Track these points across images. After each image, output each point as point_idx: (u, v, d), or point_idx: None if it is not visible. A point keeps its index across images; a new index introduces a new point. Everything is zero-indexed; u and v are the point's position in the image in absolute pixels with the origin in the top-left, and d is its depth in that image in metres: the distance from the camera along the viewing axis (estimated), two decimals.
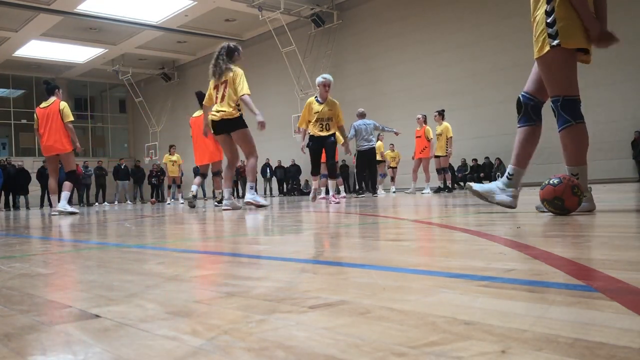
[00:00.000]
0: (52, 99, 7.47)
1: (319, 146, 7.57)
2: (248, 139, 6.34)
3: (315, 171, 7.78)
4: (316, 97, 7.57)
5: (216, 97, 6.16)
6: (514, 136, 3.20)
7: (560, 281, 0.99)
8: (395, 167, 16.18)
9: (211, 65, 6.19)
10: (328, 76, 7.69)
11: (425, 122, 11.46)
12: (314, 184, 8.05)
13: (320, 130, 7.47)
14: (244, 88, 6.06)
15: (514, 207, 3.12)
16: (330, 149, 7.52)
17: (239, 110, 6.16)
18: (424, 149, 11.39)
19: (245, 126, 6.26)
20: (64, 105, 7.41)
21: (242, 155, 6.98)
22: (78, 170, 19.72)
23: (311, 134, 7.56)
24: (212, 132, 6.34)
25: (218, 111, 6.11)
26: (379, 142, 13.84)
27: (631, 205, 3.35)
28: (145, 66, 27.08)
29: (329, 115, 7.46)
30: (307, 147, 7.70)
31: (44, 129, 7.35)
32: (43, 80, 7.96)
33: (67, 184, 7.59)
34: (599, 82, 7.50)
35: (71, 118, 7.43)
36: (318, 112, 7.43)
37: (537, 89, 3.05)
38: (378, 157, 13.76)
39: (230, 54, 6.20)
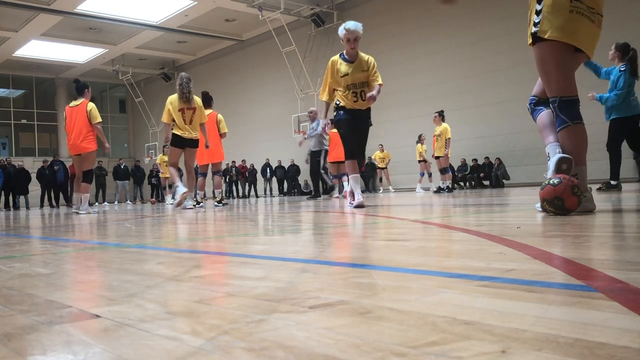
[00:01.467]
0: (81, 99, 7.65)
1: (355, 119, 5.26)
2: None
3: (350, 154, 5.28)
4: (342, 54, 5.34)
5: (184, 119, 7.41)
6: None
7: (560, 281, 0.99)
8: (385, 168, 16.16)
9: (184, 91, 7.41)
10: (353, 25, 5.25)
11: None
12: (349, 179, 5.45)
13: (355, 101, 5.21)
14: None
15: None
16: (365, 129, 5.37)
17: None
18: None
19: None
20: (91, 106, 7.54)
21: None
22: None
23: (342, 104, 5.26)
24: (173, 145, 7.54)
25: (190, 132, 7.48)
26: (419, 145, 13.59)
27: (631, 205, 3.35)
28: (145, 66, 27.06)
29: (364, 79, 5.26)
30: (333, 123, 5.53)
31: (71, 128, 7.54)
32: (73, 80, 8.15)
33: (85, 186, 7.74)
34: (598, 82, 7.51)
35: (99, 119, 7.61)
36: (347, 75, 5.20)
37: (542, 90, 3.05)
38: (418, 158, 13.49)
39: (190, 82, 7.54)
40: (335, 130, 11.20)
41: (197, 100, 7.55)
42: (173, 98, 7.44)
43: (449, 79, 16.51)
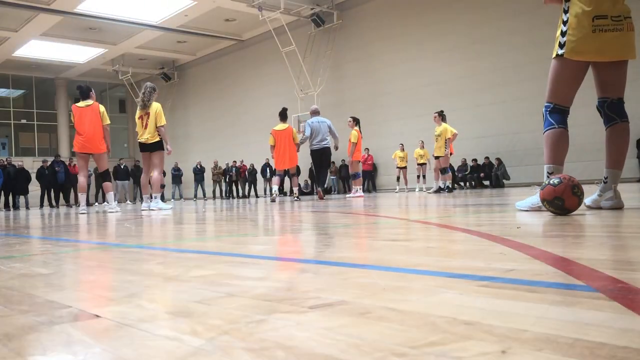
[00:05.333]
0: (90, 100, 7.85)
1: None
2: (162, 158, 8.09)
3: None
4: None
5: (142, 125, 8.02)
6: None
7: (560, 281, 0.99)
8: (405, 167, 16.15)
9: (143, 99, 7.97)
10: None
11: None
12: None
13: None
14: (162, 120, 7.99)
15: (620, 207, 3.06)
16: None
17: (159, 135, 7.97)
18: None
19: (162, 149, 8.01)
20: (103, 108, 7.91)
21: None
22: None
23: None
24: (141, 151, 8.17)
25: (146, 135, 7.99)
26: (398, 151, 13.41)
27: (632, 205, 3.35)
28: (145, 66, 27.05)
29: None
30: None
31: (83, 127, 7.71)
32: (77, 86, 8.28)
33: (107, 185, 8.14)
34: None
35: (109, 121, 8.00)
36: None
37: (601, 89, 3.13)
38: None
39: (154, 92, 8.02)
40: (357, 128, 11.20)
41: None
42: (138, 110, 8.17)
43: (449, 79, 16.51)
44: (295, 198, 10.66)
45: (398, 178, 16.25)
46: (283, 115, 10.49)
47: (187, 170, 23.07)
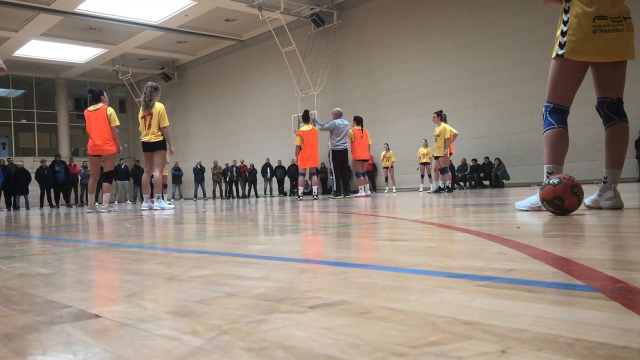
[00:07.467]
0: (100, 104, 8.04)
1: None
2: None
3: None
4: None
5: (145, 125, 7.98)
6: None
7: (560, 281, 0.99)
8: (389, 167, 16.13)
9: (145, 99, 7.91)
10: None
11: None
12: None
13: None
14: (166, 121, 7.96)
15: (620, 207, 3.06)
16: None
17: (161, 135, 7.98)
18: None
19: (165, 148, 8.02)
20: (111, 111, 8.01)
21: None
22: (76, 170, 19.75)
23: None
24: (143, 151, 8.12)
25: (149, 135, 7.94)
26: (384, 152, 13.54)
27: (632, 205, 3.35)
28: (145, 66, 27.04)
29: None
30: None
31: (92, 130, 7.94)
32: (88, 90, 8.42)
33: (106, 186, 8.23)
34: None
35: (118, 123, 8.08)
36: None
37: (600, 89, 3.14)
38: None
39: (156, 92, 7.98)
40: (358, 128, 11.42)
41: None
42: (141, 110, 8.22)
43: (449, 79, 16.51)
44: (315, 197, 11.35)
45: (386, 179, 16.23)
46: (306, 117, 11.06)
47: (187, 170, 23.06)
